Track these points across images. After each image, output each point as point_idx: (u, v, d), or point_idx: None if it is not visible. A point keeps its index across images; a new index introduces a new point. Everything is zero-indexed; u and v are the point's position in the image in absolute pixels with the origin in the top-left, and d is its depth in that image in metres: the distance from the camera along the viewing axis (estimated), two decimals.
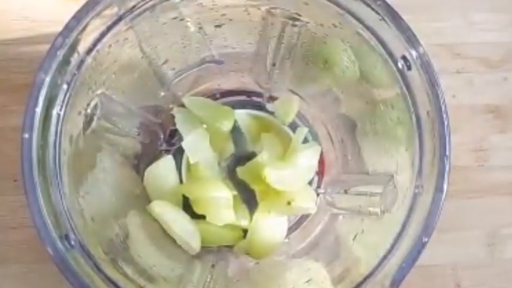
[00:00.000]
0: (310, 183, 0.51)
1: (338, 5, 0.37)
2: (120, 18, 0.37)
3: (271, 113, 0.52)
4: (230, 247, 0.50)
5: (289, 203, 0.48)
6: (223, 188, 0.48)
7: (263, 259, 0.49)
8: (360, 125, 0.47)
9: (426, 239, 0.36)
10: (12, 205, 0.51)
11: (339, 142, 0.51)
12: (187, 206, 0.49)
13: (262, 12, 0.42)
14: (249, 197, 0.50)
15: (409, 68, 0.37)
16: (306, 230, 0.51)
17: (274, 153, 0.50)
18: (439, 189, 0.36)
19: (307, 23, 0.41)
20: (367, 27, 0.37)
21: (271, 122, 0.52)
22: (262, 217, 0.49)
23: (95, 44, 0.37)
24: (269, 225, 0.49)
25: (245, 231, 0.50)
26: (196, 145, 0.49)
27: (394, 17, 0.36)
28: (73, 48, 0.36)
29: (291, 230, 0.51)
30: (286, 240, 0.51)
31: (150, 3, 0.38)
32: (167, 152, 0.51)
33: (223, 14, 0.42)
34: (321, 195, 0.51)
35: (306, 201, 0.49)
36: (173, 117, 0.50)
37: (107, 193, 0.44)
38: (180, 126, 0.49)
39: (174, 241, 0.48)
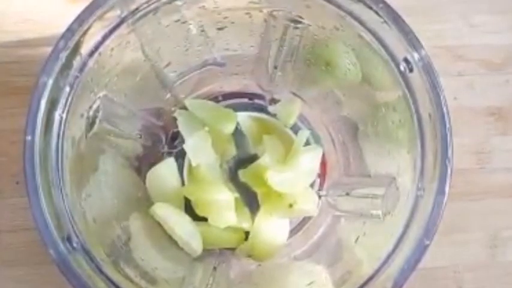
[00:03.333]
0: (312, 185, 0.51)
1: (340, 7, 0.37)
2: (122, 21, 0.37)
3: (273, 116, 0.52)
4: (232, 249, 0.50)
5: (291, 206, 0.48)
6: (225, 191, 0.48)
7: (265, 261, 0.49)
8: (361, 127, 0.47)
9: (428, 242, 0.36)
10: (14, 207, 0.51)
11: (341, 144, 0.51)
12: (189, 208, 0.49)
13: (264, 15, 0.42)
14: (251, 199, 0.50)
15: (410, 70, 0.37)
16: (308, 232, 0.51)
17: (276, 155, 0.50)
18: (440, 191, 0.36)
19: (309, 25, 0.41)
20: (369, 30, 0.38)
21: (273, 125, 0.52)
22: (264, 219, 0.49)
23: (97, 47, 0.37)
24: (271, 228, 0.49)
25: (247, 233, 0.50)
26: (198, 147, 0.49)
27: (396, 20, 0.36)
28: (75, 50, 0.36)
29: (293, 232, 0.51)
30: (288, 242, 0.51)
31: (153, 5, 0.38)
32: (169, 154, 0.51)
33: (226, 17, 0.42)
34: (322, 198, 0.51)
35: (308, 204, 0.49)
36: (175, 119, 0.50)
37: (108, 195, 0.44)
38: (182, 128, 0.49)
39: (176, 243, 0.48)
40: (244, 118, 0.51)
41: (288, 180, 0.48)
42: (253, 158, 0.50)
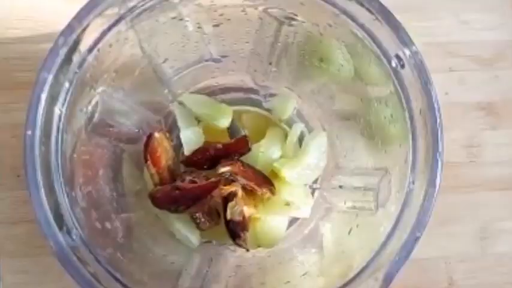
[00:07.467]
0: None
1: (334, 5, 0.38)
2: (120, 18, 0.38)
3: (268, 110, 0.53)
4: (228, 242, 0.50)
5: (287, 204, 0.49)
6: None
7: (258, 253, 0.50)
8: (354, 122, 0.48)
9: (419, 234, 0.37)
10: (16, 200, 0.52)
11: (334, 138, 0.51)
12: None
13: (259, 12, 0.42)
14: None
15: (402, 66, 0.37)
16: (301, 224, 0.52)
17: (273, 149, 0.50)
18: (431, 184, 0.37)
19: (303, 22, 0.42)
20: (362, 27, 0.38)
21: (268, 119, 0.52)
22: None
23: (96, 43, 0.38)
24: (268, 220, 0.50)
25: None
26: (192, 141, 0.49)
27: (388, 17, 0.37)
28: (75, 47, 0.37)
29: (288, 224, 0.52)
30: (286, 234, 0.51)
31: (150, 3, 0.38)
32: None
33: (221, 14, 0.43)
34: (316, 191, 0.52)
35: (304, 204, 0.50)
36: (172, 113, 0.50)
37: (107, 188, 0.45)
38: (179, 118, 0.49)
39: (174, 235, 0.48)
40: (239, 113, 0.52)
41: (303, 172, 0.49)
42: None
